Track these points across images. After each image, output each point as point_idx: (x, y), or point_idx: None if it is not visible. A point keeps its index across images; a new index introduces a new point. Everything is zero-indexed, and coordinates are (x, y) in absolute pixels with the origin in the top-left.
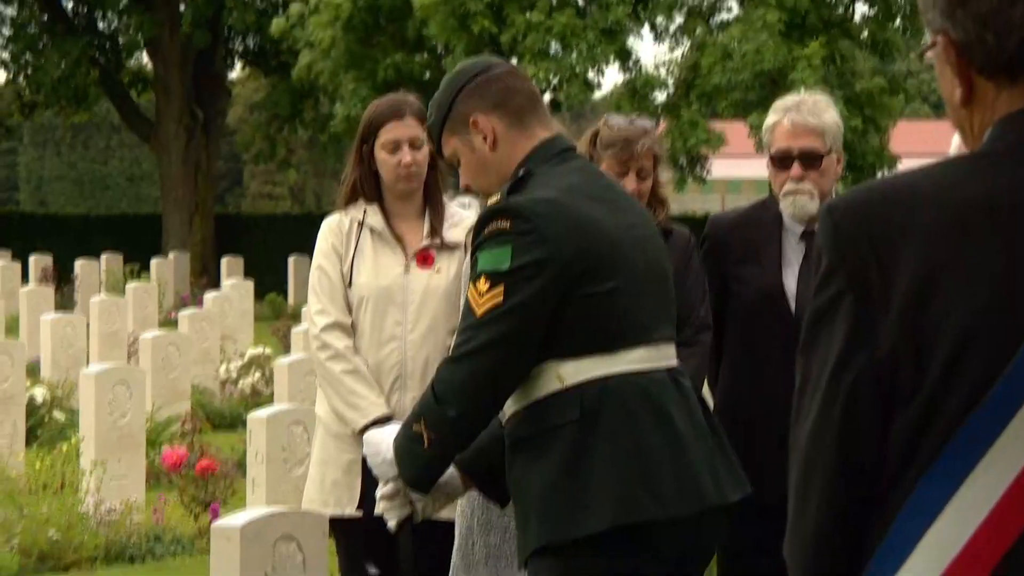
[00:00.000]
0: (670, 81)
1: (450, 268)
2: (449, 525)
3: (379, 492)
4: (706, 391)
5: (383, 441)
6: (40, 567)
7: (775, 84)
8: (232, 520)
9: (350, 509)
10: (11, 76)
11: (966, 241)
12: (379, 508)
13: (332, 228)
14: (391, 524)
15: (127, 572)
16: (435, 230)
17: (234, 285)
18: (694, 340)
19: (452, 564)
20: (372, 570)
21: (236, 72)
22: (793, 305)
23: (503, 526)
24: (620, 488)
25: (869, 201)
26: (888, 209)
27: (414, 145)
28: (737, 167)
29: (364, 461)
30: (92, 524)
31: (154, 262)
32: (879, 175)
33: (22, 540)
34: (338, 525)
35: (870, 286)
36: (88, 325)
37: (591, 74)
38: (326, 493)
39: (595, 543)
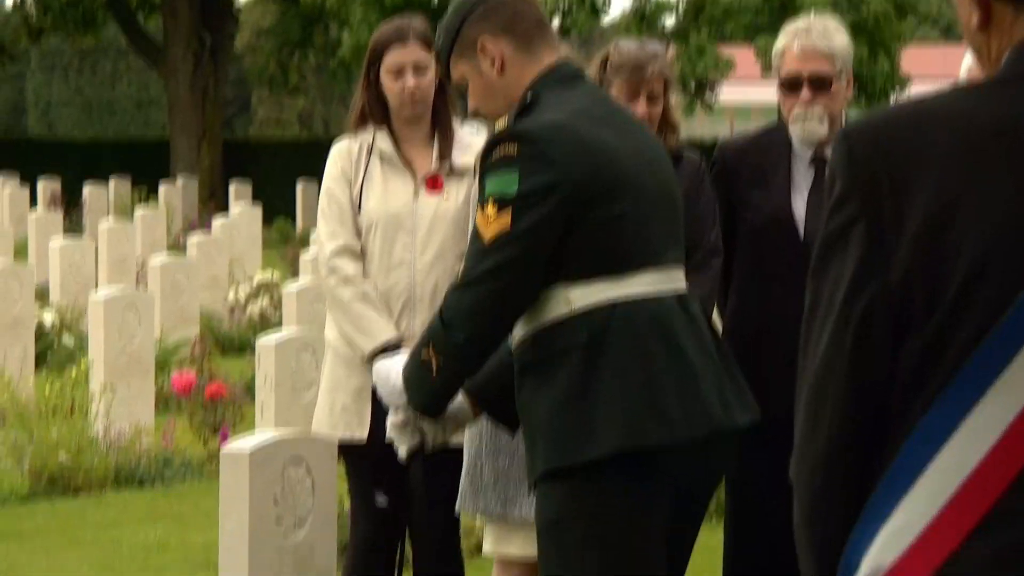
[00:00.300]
0: (680, 6)
1: (459, 193)
2: (460, 452)
3: (389, 421)
4: (715, 317)
5: (392, 369)
6: (50, 490)
7: (784, 8)
8: (241, 444)
9: (359, 433)
10: (19, 1)
11: (981, 167)
12: (389, 437)
13: (341, 153)
14: (402, 453)
15: (136, 496)
16: (444, 155)
17: (242, 211)
18: (704, 265)
19: (460, 488)
20: (380, 498)
21: None
22: (802, 230)
23: (511, 450)
24: (627, 413)
25: (884, 127)
26: (903, 134)
27: (418, 69)
28: (745, 92)
29: (374, 389)
30: (102, 448)
31: (162, 187)
32: (892, 98)
33: (32, 464)
34: (347, 449)
35: (883, 211)
36: (96, 250)
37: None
38: (335, 418)
39: (602, 467)
